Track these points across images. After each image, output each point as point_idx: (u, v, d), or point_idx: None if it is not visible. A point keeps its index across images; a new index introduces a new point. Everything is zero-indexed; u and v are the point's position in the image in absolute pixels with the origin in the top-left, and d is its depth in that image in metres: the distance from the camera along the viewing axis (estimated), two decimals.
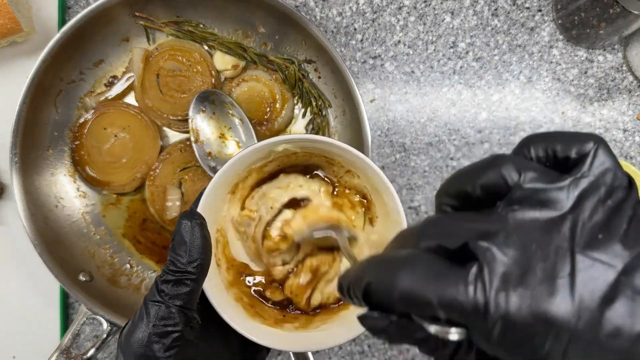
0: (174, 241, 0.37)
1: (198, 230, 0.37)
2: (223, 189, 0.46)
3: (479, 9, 0.67)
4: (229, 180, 0.46)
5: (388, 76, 0.68)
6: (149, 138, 0.66)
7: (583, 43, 0.66)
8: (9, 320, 0.69)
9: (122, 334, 0.36)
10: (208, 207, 0.42)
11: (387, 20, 0.67)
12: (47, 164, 0.65)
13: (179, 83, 0.65)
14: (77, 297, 0.60)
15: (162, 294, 0.36)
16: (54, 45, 0.59)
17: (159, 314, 0.35)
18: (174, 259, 0.36)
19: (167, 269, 0.36)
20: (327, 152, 0.46)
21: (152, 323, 0.35)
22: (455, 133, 0.68)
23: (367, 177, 0.46)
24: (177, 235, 0.37)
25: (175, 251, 0.36)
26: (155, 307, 0.35)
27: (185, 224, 0.37)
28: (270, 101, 0.66)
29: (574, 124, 0.67)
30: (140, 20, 0.65)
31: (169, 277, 0.36)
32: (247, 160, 0.45)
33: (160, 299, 0.36)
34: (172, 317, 0.35)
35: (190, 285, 0.36)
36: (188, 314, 0.36)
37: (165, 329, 0.35)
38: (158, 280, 0.36)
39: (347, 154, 0.44)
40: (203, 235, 0.37)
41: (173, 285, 0.36)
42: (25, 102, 0.60)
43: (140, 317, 0.36)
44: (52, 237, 0.63)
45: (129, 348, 0.35)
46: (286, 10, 0.60)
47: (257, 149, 0.43)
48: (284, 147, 0.45)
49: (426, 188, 0.68)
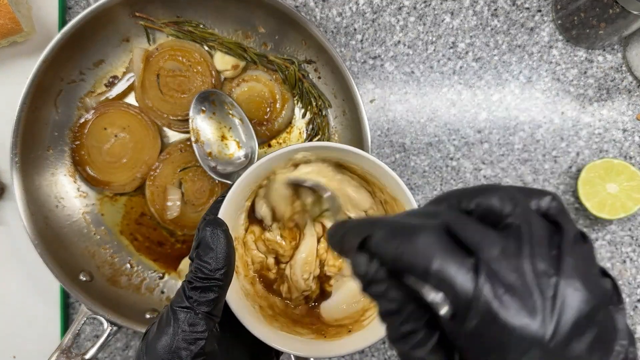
0: (200, 248, 0.37)
1: (223, 238, 0.37)
2: (241, 198, 0.46)
3: (479, 9, 0.67)
4: (247, 189, 0.46)
5: (388, 76, 0.68)
6: (149, 138, 0.66)
7: (583, 43, 0.66)
8: (9, 320, 0.69)
9: (147, 340, 0.36)
10: (228, 215, 0.43)
11: (387, 20, 0.68)
12: (47, 164, 0.65)
13: (179, 83, 0.65)
14: (77, 297, 0.60)
15: (190, 300, 0.36)
16: (54, 46, 0.59)
17: (188, 320, 0.35)
18: (201, 266, 0.36)
19: (195, 276, 0.36)
20: (343, 159, 0.46)
21: (180, 328, 0.35)
22: (455, 133, 0.68)
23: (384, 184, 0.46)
24: (202, 243, 0.37)
25: (202, 259, 0.37)
26: (184, 313, 0.35)
27: (212, 231, 0.37)
28: (270, 101, 0.66)
29: (574, 124, 0.68)
30: (141, 21, 0.65)
31: (198, 284, 0.36)
32: (266, 168, 0.45)
33: (189, 305, 0.36)
34: (200, 323, 0.35)
35: (217, 292, 0.36)
36: (214, 321, 0.37)
37: (193, 335, 0.35)
38: (186, 287, 0.36)
39: (364, 160, 0.44)
40: (228, 243, 0.38)
41: (201, 292, 0.36)
42: (25, 102, 0.60)
43: (167, 322, 0.35)
44: (52, 237, 0.63)
45: (155, 354, 0.35)
46: (286, 10, 0.60)
47: (275, 157, 0.43)
48: (302, 154, 0.45)
49: (426, 188, 0.68)
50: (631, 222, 0.68)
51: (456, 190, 0.26)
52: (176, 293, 0.37)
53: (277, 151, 0.43)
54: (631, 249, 0.68)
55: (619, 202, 0.64)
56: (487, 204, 0.24)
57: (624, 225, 0.68)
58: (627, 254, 0.68)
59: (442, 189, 0.68)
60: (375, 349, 0.69)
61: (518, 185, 0.63)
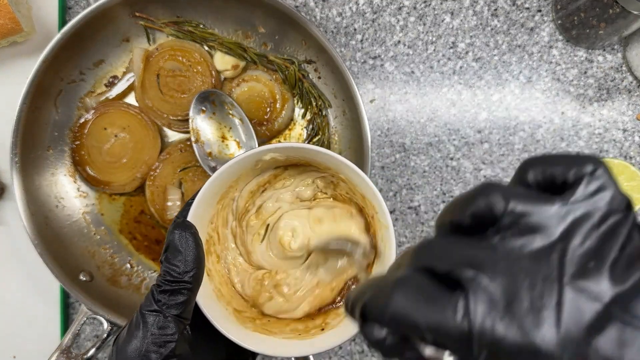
0: (168, 251, 0.37)
1: (192, 241, 0.37)
2: (212, 199, 0.46)
3: (479, 9, 0.67)
4: (217, 190, 0.46)
5: (388, 76, 0.68)
6: (149, 138, 0.66)
7: (583, 43, 0.66)
8: (9, 320, 0.69)
9: (117, 343, 0.36)
10: (198, 217, 0.43)
11: (387, 20, 0.68)
12: (47, 164, 0.65)
13: (179, 83, 0.65)
14: (77, 297, 0.61)
15: (159, 303, 0.36)
16: (54, 46, 0.59)
17: (157, 323, 0.35)
18: (169, 269, 0.36)
19: (163, 279, 0.36)
20: (314, 160, 0.46)
21: (149, 332, 0.35)
22: (455, 133, 0.68)
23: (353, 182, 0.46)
24: (170, 246, 0.37)
25: (170, 261, 0.37)
26: (153, 316, 0.35)
27: (179, 234, 0.37)
28: (270, 101, 0.66)
29: (574, 124, 0.68)
30: (141, 21, 0.65)
31: (167, 287, 0.36)
32: (235, 170, 0.45)
33: (158, 308, 0.36)
34: (170, 326, 0.35)
35: (187, 295, 0.36)
36: (184, 323, 0.37)
37: (162, 338, 0.35)
38: (154, 290, 0.36)
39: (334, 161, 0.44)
40: (197, 246, 0.38)
41: (170, 295, 0.36)
42: (25, 102, 0.60)
43: (136, 326, 0.36)
44: (52, 237, 0.63)
45: (125, 357, 0.35)
46: (286, 10, 0.60)
47: (243, 159, 0.43)
48: (271, 155, 0.45)
49: (426, 188, 0.68)
50: None
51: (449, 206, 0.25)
52: (145, 297, 0.37)
53: (246, 153, 0.43)
54: None
55: None
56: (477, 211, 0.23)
57: None
58: None
59: (442, 189, 0.68)
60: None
61: None
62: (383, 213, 0.43)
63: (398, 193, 0.68)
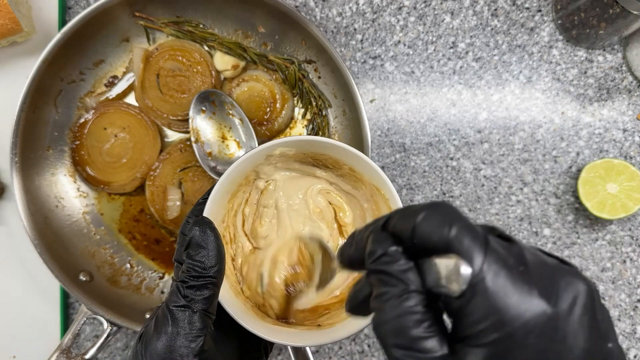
0: (190, 248, 0.37)
1: (213, 236, 0.38)
2: (223, 199, 0.47)
3: (479, 9, 0.67)
4: (228, 189, 0.47)
5: (388, 76, 0.68)
6: (149, 138, 0.66)
7: (583, 43, 0.66)
8: (9, 320, 0.69)
9: (144, 340, 0.36)
10: (211, 215, 0.43)
11: (387, 20, 0.67)
12: (47, 164, 0.65)
13: (179, 83, 0.65)
14: (77, 297, 0.60)
15: (187, 299, 0.36)
16: (54, 45, 0.59)
17: (186, 319, 0.35)
18: (194, 265, 0.37)
19: (189, 275, 0.37)
20: (323, 153, 0.46)
21: (180, 327, 0.35)
22: (455, 133, 0.68)
23: (368, 175, 0.46)
24: (192, 242, 0.37)
25: (194, 258, 0.37)
26: (182, 312, 0.36)
27: (200, 230, 0.38)
28: (270, 101, 0.66)
29: (574, 124, 0.68)
30: (140, 20, 0.65)
31: (193, 283, 0.36)
32: (245, 167, 0.45)
33: (186, 304, 0.36)
34: (199, 321, 0.36)
35: (212, 290, 0.37)
36: (211, 318, 0.37)
37: (193, 333, 0.35)
38: (180, 287, 0.36)
39: (345, 152, 0.44)
40: (217, 241, 0.38)
41: (197, 290, 0.36)
42: (25, 102, 0.60)
43: (164, 322, 0.36)
44: (52, 237, 0.63)
45: (156, 354, 0.35)
46: (286, 10, 0.60)
47: (253, 155, 0.43)
48: (280, 150, 0.45)
49: (426, 188, 0.68)
50: (631, 222, 0.68)
51: None
52: (170, 293, 0.37)
53: (256, 148, 0.43)
54: (631, 249, 0.68)
55: (619, 202, 0.64)
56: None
57: (624, 225, 0.68)
58: (627, 254, 0.68)
59: (442, 189, 0.68)
60: (375, 349, 0.69)
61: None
62: (394, 201, 0.44)
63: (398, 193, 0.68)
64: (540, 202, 0.68)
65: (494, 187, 0.68)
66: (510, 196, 0.68)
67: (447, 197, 0.68)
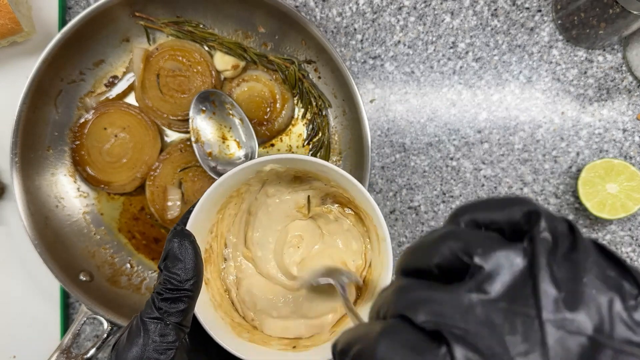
0: (168, 259, 0.37)
1: (191, 249, 0.38)
2: (211, 209, 0.46)
3: (479, 9, 0.67)
4: (217, 200, 0.46)
5: (388, 76, 0.68)
6: (149, 138, 0.66)
7: (583, 43, 0.66)
8: (9, 320, 0.69)
9: (117, 349, 0.36)
10: (197, 226, 0.43)
11: (387, 20, 0.68)
12: (47, 164, 0.65)
13: (179, 83, 0.65)
14: (77, 297, 0.61)
15: (160, 310, 0.36)
16: (54, 45, 0.59)
17: (158, 331, 0.35)
18: (169, 277, 0.37)
19: (164, 287, 0.37)
20: (313, 172, 0.46)
21: (150, 339, 0.35)
22: (455, 133, 0.68)
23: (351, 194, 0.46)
24: (170, 254, 0.37)
25: (171, 270, 0.37)
26: (154, 324, 0.36)
27: (178, 242, 0.38)
28: (270, 101, 0.66)
29: (574, 124, 0.68)
30: (141, 20, 0.65)
31: (168, 295, 0.36)
32: (235, 180, 0.45)
33: (159, 316, 0.36)
34: (170, 334, 0.36)
35: (187, 303, 0.37)
36: (184, 331, 0.37)
37: (163, 345, 0.35)
38: (155, 298, 0.37)
39: (333, 173, 0.44)
40: (196, 254, 0.38)
41: (171, 303, 0.36)
42: (25, 102, 0.60)
43: (137, 333, 0.36)
44: (52, 237, 0.63)
45: None
46: (286, 10, 0.60)
47: (243, 169, 0.43)
48: (271, 166, 0.45)
49: (426, 188, 0.68)
50: (631, 222, 0.68)
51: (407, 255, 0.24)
52: (145, 304, 0.37)
53: (245, 163, 0.43)
54: (631, 249, 0.68)
55: (619, 202, 0.64)
56: (444, 261, 0.22)
57: (624, 225, 0.68)
58: (627, 254, 0.68)
59: (442, 189, 0.68)
60: None
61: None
62: (380, 226, 0.43)
63: (398, 193, 0.68)
64: (540, 202, 0.68)
65: (494, 187, 0.68)
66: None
67: (447, 197, 0.69)
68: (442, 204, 0.68)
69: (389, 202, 0.69)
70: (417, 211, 0.69)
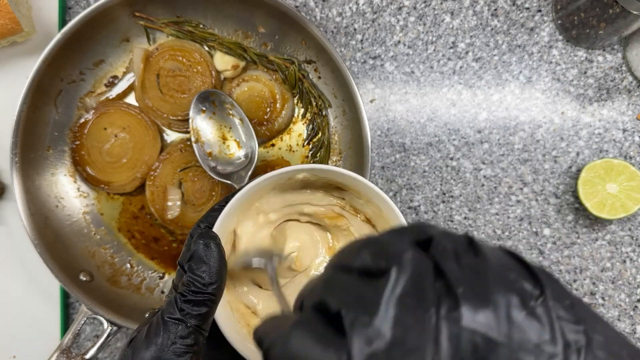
0: (192, 261, 0.37)
1: (216, 252, 0.37)
2: (236, 211, 0.46)
3: (479, 9, 0.67)
4: (244, 205, 0.46)
5: (388, 76, 0.68)
6: (149, 138, 0.66)
7: (583, 43, 0.66)
8: (9, 320, 0.69)
9: (135, 346, 0.36)
10: (223, 229, 0.42)
11: (387, 20, 0.68)
12: (47, 164, 0.65)
13: (179, 83, 0.65)
14: (77, 297, 0.61)
15: (182, 312, 0.36)
16: (54, 46, 0.59)
17: (179, 332, 0.35)
18: (193, 280, 0.36)
19: (188, 289, 0.36)
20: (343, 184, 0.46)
21: (170, 340, 0.35)
22: (455, 133, 0.68)
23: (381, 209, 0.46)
24: (195, 255, 0.37)
25: (195, 272, 0.36)
26: (175, 325, 0.35)
27: (205, 244, 0.37)
28: (270, 101, 0.66)
29: (574, 124, 0.68)
30: (141, 20, 0.65)
31: (191, 297, 0.36)
32: (267, 185, 0.45)
33: (181, 317, 0.35)
34: (190, 336, 0.35)
35: (209, 306, 0.36)
36: (203, 335, 0.37)
37: (182, 348, 0.35)
38: (178, 299, 0.36)
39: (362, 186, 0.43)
40: (220, 257, 0.37)
41: (194, 305, 0.36)
42: (25, 102, 0.60)
43: (156, 332, 0.35)
44: (52, 237, 0.63)
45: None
46: (286, 10, 0.60)
47: (277, 175, 0.43)
48: (304, 175, 0.45)
49: (426, 188, 0.68)
50: (631, 222, 0.68)
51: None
52: (167, 303, 0.37)
53: (281, 170, 0.43)
54: (631, 249, 0.68)
55: (619, 202, 0.64)
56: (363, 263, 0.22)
57: (624, 225, 0.68)
58: (627, 254, 0.68)
59: (442, 189, 0.68)
60: None
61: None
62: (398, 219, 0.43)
63: (398, 193, 0.68)
64: (540, 202, 0.68)
65: (494, 187, 0.68)
66: (510, 196, 0.68)
67: (447, 197, 0.69)
68: (442, 204, 0.69)
69: None
70: (417, 211, 0.69)
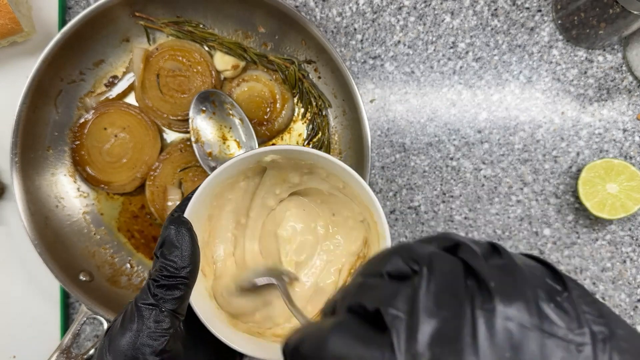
0: (164, 247, 0.37)
1: (188, 236, 0.38)
2: (209, 198, 0.46)
3: (479, 9, 0.67)
4: (215, 190, 0.46)
5: (388, 76, 0.68)
6: (149, 138, 0.66)
7: (583, 43, 0.66)
8: (9, 320, 0.69)
9: (110, 336, 0.36)
10: (195, 215, 0.42)
11: (387, 20, 0.68)
12: (47, 164, 0.65)
13: (179, 83, 0.65)
14: (77, 297, 0.61)
15: (156, 297, 0.36)
16: (54, 45, 0.59)
17: (153, 317, 0.35)
18: (166, 265, 0.36)
19: (160, 274, 0.36)
20: (314, 165, 0.46)
21: (145, 325, 0.35)
22: (455, 133, 0.68)
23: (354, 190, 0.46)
24: (167, 241, 0.37)
25: (167, 257, 0.37)
26: (149, 310, 0.35)
27: (175, 229, 0.38)
28: (270, 101, 0.66)
29: (574, 124, 0.68)
30: (141, 20, 0.65)
31: (164, 282, 0.36)
32: (234, 170, 0.45)
33: (154, 302, 0.36)
34: (165, 320, 0.36)
35: (183, 290, 0.37)
36: (179, 319, 0.37)
37: (157, 332, 0.35)
38: (151, 284, 0.36)
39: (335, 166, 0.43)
40: (193, 242, 0.38)
41: (167, 290, 0.36)
42: (25, 102, 0.60)
43: (131, 319, 0.36)
44: (52, 237, 0.63)
45: (119, 350, 0.35)
46: (286, 10, 0.60)
47: (243, 159, 0.43)
48: (271, 157, 0.45)
49: (426, 188, 0.68)
50: (631, 222, 0.68)
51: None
52: (141, 290, 0.37)
53: (246, 153, 0.43)
54: (631, 249, 0.68)
55: (619, 202, 0.64)
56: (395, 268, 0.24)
57: (624, 225, 0.68)
58: (627, 254, 0.68)
59: (442, 189, 0.68)
60: None
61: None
62: (381, 223, 0.43)
63: (398, 193, 0.68)
64: (540, 202, 0.68)
65: (494, 187, 0.68)
66: (510, 196, 0.68)
67: (447, 197, 0.69)
68: (442, 204, 0.68)
69: (389, 202, 0.69)
70: (417, 211, 0.69)
